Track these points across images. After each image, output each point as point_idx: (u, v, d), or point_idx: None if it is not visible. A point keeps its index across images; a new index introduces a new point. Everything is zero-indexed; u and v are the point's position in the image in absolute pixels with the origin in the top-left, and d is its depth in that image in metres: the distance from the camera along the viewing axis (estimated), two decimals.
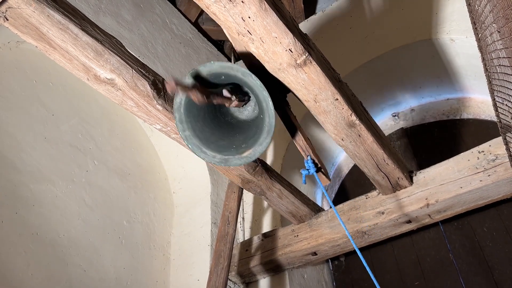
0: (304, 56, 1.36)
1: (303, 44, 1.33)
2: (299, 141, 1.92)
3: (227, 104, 1.47)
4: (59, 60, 1.34)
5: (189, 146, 1.50)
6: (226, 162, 1.50)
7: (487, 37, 1.14)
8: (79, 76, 1.41)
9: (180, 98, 1.46)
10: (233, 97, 1.47)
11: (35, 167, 2.16)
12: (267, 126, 1.43)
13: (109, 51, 1.35)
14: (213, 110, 1.59)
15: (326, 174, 1.93)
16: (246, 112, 1.65)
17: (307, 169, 1.88)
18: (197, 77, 1.40)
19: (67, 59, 1.33)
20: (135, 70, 1.43)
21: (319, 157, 1.95)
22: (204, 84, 1.41)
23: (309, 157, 1.90)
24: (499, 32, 0.99)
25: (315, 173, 1.87)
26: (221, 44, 3.91)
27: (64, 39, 1.27)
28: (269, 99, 1.38)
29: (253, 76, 1.36)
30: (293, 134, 1.94)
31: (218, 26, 3.32)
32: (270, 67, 1.41)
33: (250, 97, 1.59)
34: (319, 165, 1.91)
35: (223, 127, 1.60)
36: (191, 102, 1.44)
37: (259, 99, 1.43)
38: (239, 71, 1.37)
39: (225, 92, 1.47)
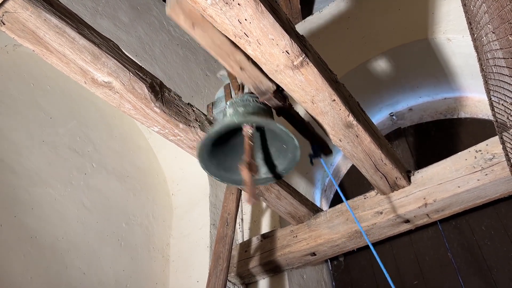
0: (301, 58, 1.36)
1: (299, 46, 1.33)
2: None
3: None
4: (56, 64, 1.34)
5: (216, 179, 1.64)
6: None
7: (483, 37, 1.15)
8: (76, 80, 1.41)
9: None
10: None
11: (33, 170, 2.16)
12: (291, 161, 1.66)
13: (106, 54, 1.36)
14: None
15: (328, 148, 1.94)
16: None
17: (315, 154, 1.90)
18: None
19: (64, 63, 1.34)
20: (132, 73, 1.43)
21: (321, 137, 1.95)
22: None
23: (315, 144, 1.91)
24: (494, 32, 0.99)
25: (322, 158, 1.89)
26: None
27: (61, 42, 1.27)
28: (298, 153, 1.59)
29: (290, 134, 1.51)
30: (300, 130, 1.93)
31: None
32: (267, 69, 1.41)
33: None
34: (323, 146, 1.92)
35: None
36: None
37: (288, 147, 1.61)
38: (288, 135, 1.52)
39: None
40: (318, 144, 1.92)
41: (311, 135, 1.90)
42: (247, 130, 1.51)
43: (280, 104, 1.60)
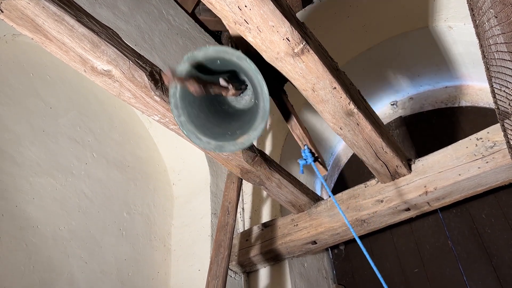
0: (302, 45, 1.35)
1: (300, 33, 1.33)
2: (296, 131, 1.93)
3: (224, 94, 1.47)
4: (56, 52, 1.34)
5: (184, 132, 1.49)
6: (220, 148, 1.50)
7: (485, 23, 1.14)
8: (76, 68, 1.40)
9: (175, 83, 1.45)
10: (230, 86, 1.46)
11: (34, 160, 2.17)
12: (261, 111, 1.42)
13: (106, 42, 1.35)
14: (209, 97, 1.58)
15: (323, 164, 1.93)
16: (243, 101, 1.64)
17: (305, 159, 1.88)
18: (193, 62, 1.39)
19: (63, 51, 1.33)
20: (132, 61, 1.43)
21: (316, 147, 1.96)
22: (200, 70, 1.41)
23: (306, 147, 1.90)
24: (496, 17, 0.99)
25: (312, 163, 1.87)
26: (218, 35, 3.89)
27: (60, 30, 1.26)
28: (264, 83, 1.36)
29: (248, 59, 1.35)
30: (290, 124, 1.94)
31: (215, 16, 3.30)
32: (268, 56, 1.40)
33: (247, 85, 1.59)
34: (316, 155, 1.91)
35: (219, 114, 1.60)
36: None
37: (254, 83, 1.43)
38: (234, 54, 1.36)
39: (222, 81, 1.46)
40: (309, 149, 1.91)
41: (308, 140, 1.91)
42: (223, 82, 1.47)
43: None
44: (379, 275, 1.57)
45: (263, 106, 1.41)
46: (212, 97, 1.58)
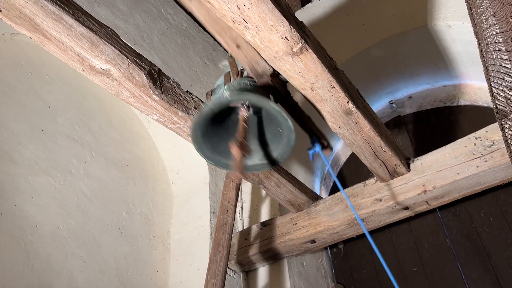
0: (300, 44, 1.35)
1: (299, 32, 1.33)
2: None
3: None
4: (54, 51, 1.33)
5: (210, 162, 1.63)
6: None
7: (483, 22, 1.14)
8: (74, 67, 1.40)
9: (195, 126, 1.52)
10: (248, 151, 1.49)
11: (32, 159, 2.16)
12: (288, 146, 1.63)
13: (104, 41, 1.35)
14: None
15: (330, 146, 1.93)
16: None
17: (313, 148, 1.89)
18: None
19: (62, 50, 1.33)
20: (130, 60, 1.42)
21: (319, 129, 1.94)
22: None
23: (313, 136, 1.90)
24: (494, 16, 0.99)
25: (320, 151, 1.88)
26: None
27: (59, 29, 1.26)
28: (293, 136, 1.56)
29: (284, 114, 1.49)
30: (299, 121, 1.92)
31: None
32: (266, 55, 1.40)
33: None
34: (323, 141, 1.91)
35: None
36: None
37: (282, 128, 1.58)
38: (285, 116, 1.50)
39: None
40: (317, 137, 1.91)
41: (310, 127, 1.90)
42: (243, 112, 1.51)
43: (278, 88, 1.59)
44: (387, 269, 1.57)
45: (287, 142, 1.60)
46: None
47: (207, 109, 1.46)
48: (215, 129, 1.59)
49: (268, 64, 1.50)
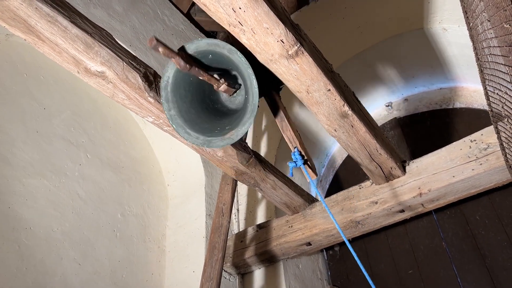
0: (296, 47, 1.35)
1: (294, 35, 1.32)
2: (287, 132, 1.92)
3: (215, 86, 1.46)
4: (49, 53, 1.33)
5: (173, 125, 1.49)
6: (209, 143, 1.49)
7: (478, 26, 1.14)
8: (69, 69, 1.40)
9: (167, 77, 1.45)
10: (222, 80, 1.46)
11: (27, 161, 2.15)
12: (250, 106, 1.42)
13: (99, 43, 1.34)
14: (201, 94, 1.58)
15: (313, 168, 1.92)
16: (236, 101, 1.64)
17: (294, 162, 1.87)
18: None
19: (56, 52, 1.32)
20: (125, 63, 1.42)
21: (307, 150, 1.95)
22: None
23: (296, 149, 1.89)
24: (489, 21, 0.99)
25: (302, 166, 1.86)
26: (213, 35, 3.88)
27: (53, 31, 1.25)
28: (254, 77, 1.36)
29: (239, 53, 1.36)
30: (281, 125, 1.94)
31: (210, 17, 3.29)
32: (262, 58, 1.40)
33: (240, 85, 1.59)
34: (306, 158, 1.90)
35: (211, 112, 1.60)
36: (178, 82, 1.44)
37: (244, 77, 1.43)
38: (225, 47, 1.36)
39: (215, 75, 1.46)
40: (300, 152, 1.89)
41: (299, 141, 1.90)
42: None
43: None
44: (368, 277, 1.56)
45: (252, 101, 1.41)
46: (204, 94, 1.58)
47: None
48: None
49: None
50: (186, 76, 1.48)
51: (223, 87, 1.48)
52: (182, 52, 1.34)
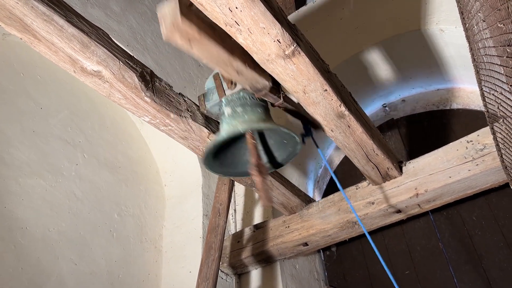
0: (293, 47, 1.35)
1: (291, 35, 1.32)
2: None
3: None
4: (45, 52, 1.32)
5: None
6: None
7: (474, 27, 1.15)
8: (65, 69, 1.39)
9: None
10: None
11: (23, 161, 2.15)
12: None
13: (96, 42, 1.34)
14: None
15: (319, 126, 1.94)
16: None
17: (306, 134, 1.90)
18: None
19: (52, 51, 1.32)
20: (122, 62, 1.42)
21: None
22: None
23: (306, 125, 1.90)
24: (484, 21, 0.99)
25: (313, 138, 1.89)
26: None
27: (49, 30, 1.25)
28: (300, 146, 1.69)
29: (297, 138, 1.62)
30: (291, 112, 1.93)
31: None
32: (259, 58, 1.40)
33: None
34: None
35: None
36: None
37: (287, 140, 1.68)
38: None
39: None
40: (310, 123, 1.90)
41: (302, 116, 1.90)
42: (251, 138, 1.55)
43: (276, 97, 1.60)
44: (388, 272, 1.58)
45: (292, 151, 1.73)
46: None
47: (220, 140, 1.55)
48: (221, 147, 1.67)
49: (267, 78, 1.51)
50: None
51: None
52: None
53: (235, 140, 1.69)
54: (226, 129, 1.56)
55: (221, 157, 1.69)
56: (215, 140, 1.56)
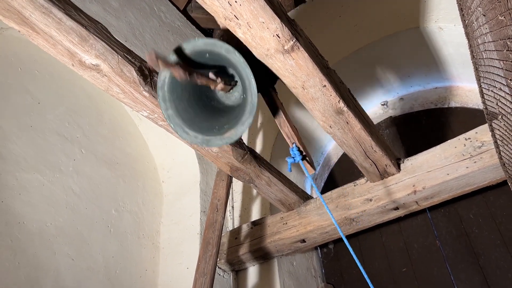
0: (292, 42, 1.35)
1: (290, 30, 1.32)
2: (285, 128, 1.92)
3: (212, 86, 1.46)
4: (43, 45, 1.32)
5: (171, 125, 1.48)
6: (207, 142, 1.48)
7: (474, 23, 1.15)
8: (63, 62, 1.39)
9: (164, 76, 1.45)
10: (219, 79, 1.45)
11: (21, 155, 2.14)
12: (249, 105, 1.41)
13: (94, 36, 1.33)
14: (198, 92, 1.57)
15: (311, 163, 1.92)
16: (232, 98, 1.63)
17: (293, 157, 1.87)
18: (181, 54, 1.38)
19: (51, 44, 1.31)
20: (120, 56, 1.41)
21: (305, 145, 1.95)
22: (188, 63, 1.40)
23: (294, 145, 1.89)
24: (484, 15, 0.99)
25: (300, 161, 1.86)
26: (210, 33, 3.87)
27: (48, 23, 1.24)
28: (252, 77, 1.35)
29: (237, 53, 1.35)
30: (279, 121, 1.94)
31: (207, 14, 3.29)
32: (258, 52, 1.40)
33: (237, 82, 1.58)
34: (305, 153, 1.90)
35: (208, 109, 1.59)
36: (175, 81, 1.44)
37: (243, 77, 1.42)
38: (223, 47, 1.35)
39: (211, 74, 1.45)
40: (298, 148, 1.89)
41: (296, 136, 1.90)
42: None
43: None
44: (365, 275, 1.57)
45: (251, 101, 1.40)
46: (201, 92, 1.58)
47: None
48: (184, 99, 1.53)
49: None
50: None
51: (219, 86, 1.47)
52: (180, 62, 1.33)
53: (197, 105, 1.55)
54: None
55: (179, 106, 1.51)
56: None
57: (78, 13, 1.33)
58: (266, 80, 1.83)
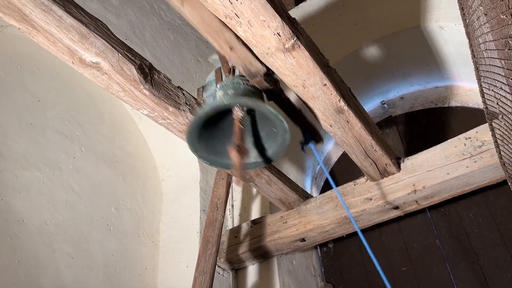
0: (293, 41, 1.35)
1: (291, 28, 1.32)
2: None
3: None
4: (43, 43, 1.32)
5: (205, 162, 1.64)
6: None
7: (475, 22, 1.14)
8: (64, 60, 1.38)
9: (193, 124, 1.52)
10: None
11: (20, 153, 2.14)
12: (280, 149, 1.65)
13: (94, 34, 1.33)
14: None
15: (320, 137, 1.92)
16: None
17: (305, 142, 1.88)
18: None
19: (51, 42, 1.31)
20: (121, 54, 1.41)
21: (311, 123, 1.93)
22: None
23: (305, 132, 1.89)
24: (486, 14, 0.99)
25: (312, 146, 1.87)
26: None
27: (48, 21, 1.24)
28: (288, 135, 1.54)
29: (280, 116, 1.47)
30: (291, 116, 1.91)
31: None
32: (258, 51, 1.40)
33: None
34: (314, 135, 1.90)
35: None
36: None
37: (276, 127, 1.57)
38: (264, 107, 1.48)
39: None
40: (309, 131, 1.90)
41: (302, 121, 1.89)
42: (237, 112, 1.50)
43: (271, 87, 1.59)
44: (379, 269, 1.57)
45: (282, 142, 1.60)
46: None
47: (202, 113, 1.47)
48: (209, 130, 1.59)
49: (261, 64, 1.49)
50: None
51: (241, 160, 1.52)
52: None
53: (225, 126, 1.63)
54: (210, 103, 1.51)
55: (209, 142, 1.62)
56: (198, 112, 1.49)
57: (79, 10, 1.32)
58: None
